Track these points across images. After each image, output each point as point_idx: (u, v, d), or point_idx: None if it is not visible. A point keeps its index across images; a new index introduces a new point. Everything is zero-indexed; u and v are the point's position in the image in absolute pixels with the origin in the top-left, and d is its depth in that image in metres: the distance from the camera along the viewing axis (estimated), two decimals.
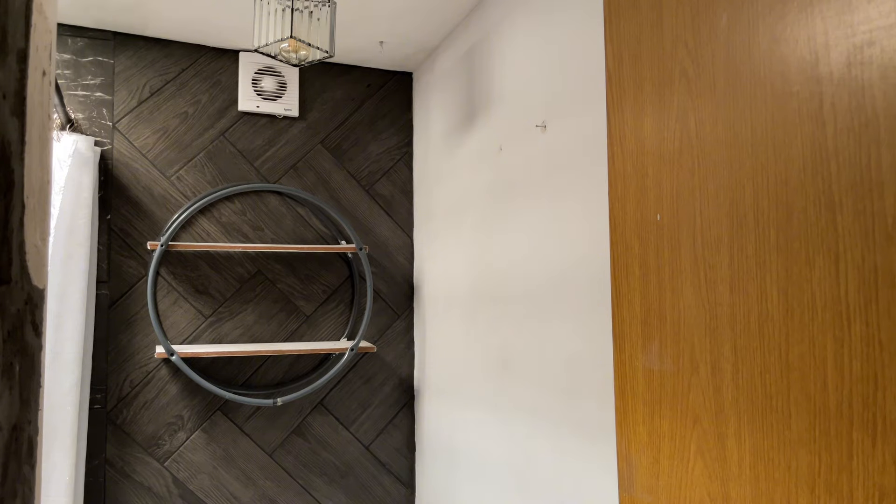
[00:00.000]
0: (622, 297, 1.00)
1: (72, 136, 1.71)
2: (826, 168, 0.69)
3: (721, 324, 0.81)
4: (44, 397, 0.39)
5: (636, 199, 0.97)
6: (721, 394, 0.81)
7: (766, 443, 0.75)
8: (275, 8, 1.36)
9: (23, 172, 0.35)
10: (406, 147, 2.24)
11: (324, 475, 2.08)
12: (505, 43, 1.60)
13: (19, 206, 0.35)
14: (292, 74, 2.07)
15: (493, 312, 1.63)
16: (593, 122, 1.21)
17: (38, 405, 0.37)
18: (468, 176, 1.79)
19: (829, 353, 0.68)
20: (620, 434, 1.00)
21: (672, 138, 0.90)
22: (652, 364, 0.93)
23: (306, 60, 1.44)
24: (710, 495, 0.82)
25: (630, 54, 0.99)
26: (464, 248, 1.82)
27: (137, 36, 1.94)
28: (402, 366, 2.20)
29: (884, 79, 0.63)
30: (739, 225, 0.79)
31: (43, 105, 0.38)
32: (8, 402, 0.34)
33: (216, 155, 2.00)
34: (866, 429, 0.64)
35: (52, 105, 0.41)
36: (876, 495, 0.63)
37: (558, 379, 1.32)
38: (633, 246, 0.98)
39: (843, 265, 0.67)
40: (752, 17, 0.78)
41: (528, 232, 1.46)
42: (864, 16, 0.64)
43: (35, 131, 0.37)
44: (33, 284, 0.37)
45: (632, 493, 0.97)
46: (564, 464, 1.30)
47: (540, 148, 1.41)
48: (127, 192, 1.90)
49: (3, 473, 0.33)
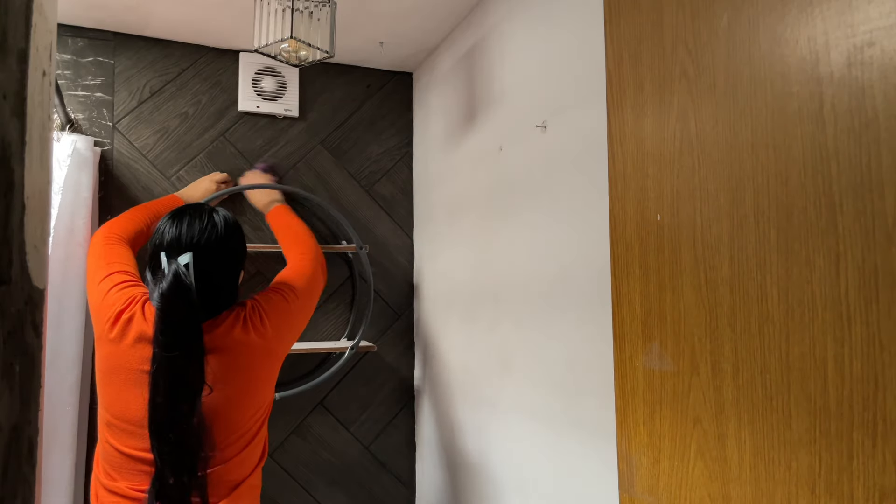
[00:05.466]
0: (622, 297, 1.00)
1: (72, 137, 1.71)
2: (826, 168, 0.69)
3: (721, 324, 0.81)
4: (44, 397, 0.39)
5: (636, 199, 0.97)
6: (721, 394, 0.81)
7: (767, 443, 0.75)
8: (275, 8, 1.36)
9: (23, 173, 0.35)
10: (406, 147, 2.24)
11: (324, 475, 2.08)
12: (505, 43, 1.60)
13: (19, 207, 0.35)
14: (292, 75, 2.07)
15: (493, 312, 1.63)
16: (593, 123, 1.21)
17: (38, 405, 0.37)
18: (468, 176, 1.79)
19: (829, 353, 0.68)
20: (620, 434, 1.00)
21: (672, 138, 0.90)
22: (652, 364, 0.93)
23: (306, 61, 1.44)
24: (711, 496, 0.82)
25: (630, 54, 0.99)
26: (464, 248, 1.82)
27: (137, 36, 1.93)
28: (402, 366, 2.20)
29: (884, 79, 0.63)
30: (740, 225, 0.79)
31: (43, 105, 0.38)
32: (8, 402, 0.34)
33: (216, 155, 2.00)
34: (867, 429, 0.64)
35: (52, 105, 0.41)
36: (876, 496, 0.63)
37: (558, 379, 1.33)
38: (633, 246, 0.98)
39: (843, 265, 0.67)
40: (752, 18, 0.78)
41: (528, 232, 1.46)
42: (864, 16, 0.64)
43: (35, 131, 0.37)
44: (33, 285, 0.37)
45: (632, 493, 0.97)
46: (564, 464, 1.30)
47: (540, 148, 1.41)
48: (127, 192, 1.90)
49: (3, 473, 0.33)
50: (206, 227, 1.21)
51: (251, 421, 1.24)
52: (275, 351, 1.28)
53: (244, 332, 1.21)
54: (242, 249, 1.30)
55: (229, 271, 1.26)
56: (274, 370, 1.30)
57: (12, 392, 0.34)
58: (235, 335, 1.20)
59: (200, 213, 1.23)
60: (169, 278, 1.13)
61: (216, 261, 1.21)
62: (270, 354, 1.26)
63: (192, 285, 1.14)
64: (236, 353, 1.20)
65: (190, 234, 1.19)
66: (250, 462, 1.25)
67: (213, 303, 1.21)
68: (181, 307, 1.13)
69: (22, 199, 0.35)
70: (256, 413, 1.25)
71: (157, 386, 1.10)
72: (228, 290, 1.26)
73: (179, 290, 1.13)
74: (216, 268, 1.22)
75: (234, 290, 1.28)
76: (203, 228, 1.21)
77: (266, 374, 1.27)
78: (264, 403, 1.28)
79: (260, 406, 1.26)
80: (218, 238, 1.22)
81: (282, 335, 1.28)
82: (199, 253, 1.18)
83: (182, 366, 1.11)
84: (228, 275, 1.26)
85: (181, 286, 1.13)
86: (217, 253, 1.21)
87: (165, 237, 1.20)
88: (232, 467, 1.21)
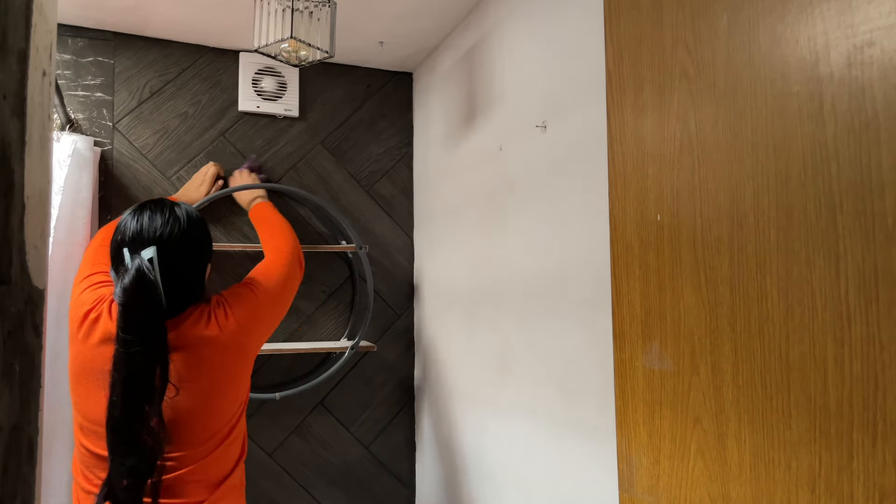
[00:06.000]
0: (622, 297, 1.00)
1: (72, 137, 1.71)
2: (826, 168, 0.69)
3: (721, 324, 0.81)
4: (44, 397, 0.39)
5: (636, 199, 0.97)
6: (721, 394, 0.81)
7: (767, 443, 0.75)
8: (275, 8, 1.36)
9: (23, 173, 0.35)
10: (406, 147, 2.24)
11: (324, 475, 2.08)
12: (505, 43, 1.60)
13: (19, 207, 0.35)
14: (292, 75, 2.07)
15: (493, 312, 1.63)
16: (593, 123, 1.21)
17: (38, 405, 0.37)
18: (468, 176, 1.79)
19: (829, 353, 0.68)
20: (620, 434, 1.00)
21: (672, 138, 0.90)
22: (652, 364, 0.93)
23: (306, 61, 1.44)
24: (711, 496, 0.82)
25: (630, 54, 0.99)
26: (464, 248, 1.82)
27: (137, 36, 1.93)
28: (403, 366, 2.20)
29: (884, 79, 0.63)
30: (739, 225, 0.79)
31: (43, 105, 0.38)
32: (8, 402, 0.34)
33: (216, 155, 2.00)
34: (867, 429, 0.64)
35: (52, 105, 0.41)
36: (876, 496, 0.63)
37: (558, 379, 1.33)
38: (633, 246, 0.98)
39: (843, 265, 0.67)
40: (752, 18, 0.78)
41: (528, 232, 1.46)
42: (864, 16, 0.64)
43: (35, 131, 0.37)
44: (33, 285, 0.37)
45: (632, 493, 0.97)
46: (564, 464, 1.30)
47: (540, 148, 1.41)
48: (127, 192, 1.90)
49: (3, 473, 0.33)
50: (168, 219, 1.18)
51: (224, 418, 1.21)
52: (243, 345, 1.24)
53: (207, 327, 1.18)
54: (208, 242, 1.26)
55: (195, 265, 1.23)
56: (245, 366, 1.26)
57: (12, 392, 0.34)
58: (199, 331, 1.18)
59: (162, 207, 1.20)
60: (132, 273, 1.10)
61: (181, 255, 1.18)
62: (238, 349, 1.23)
63: (156, 280, 1.11)
64: (201, 350, 1.17)
65: (152, 228, 1.16)
66: (229, 460, 1.22)
67: (179, 299, 1.18)
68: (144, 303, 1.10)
69: (22, 199, 0.35)
70: (230, 409, 1.22)
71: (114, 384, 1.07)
72: (193, 286, 1.22)
73: (143, 285, 1.10)
74: (181, 262, 1.19)
75: (201, 285, 1.25)
76: (165, 221, 1.17)
77: (236, 371, 1.24)
78: (238, 400, 1.25)
79: (233, 402, 1.23)
80: (181, 231, 1.19)
81: (248, 329, 1.24)
82: (162, 247, 1.15)
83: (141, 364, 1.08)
84: (194, 269, 1.23)
85: (144, 281, 1.10)
86: (181, 246, 1.18)
87: (127, 232, 1.16)
88: (208, 465, 1.18)
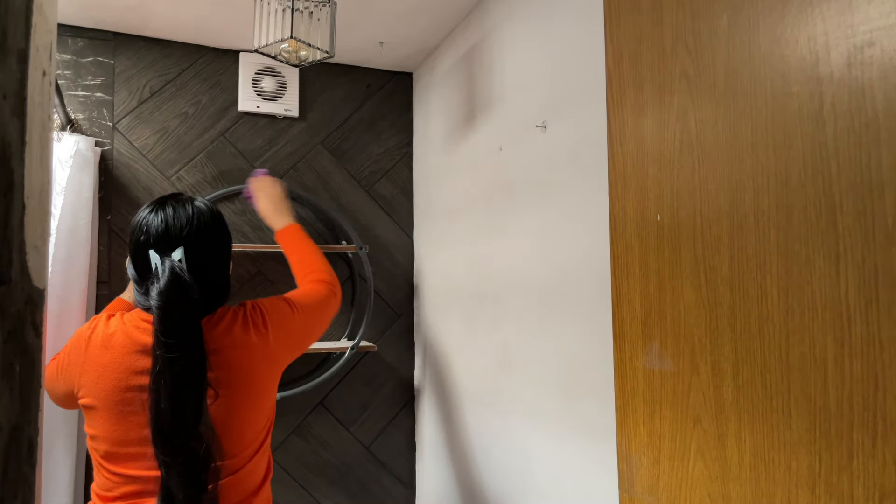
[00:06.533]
0: (622, 297, 1.00)
1: (74, 137, 1.71)
2: (826, 168, 0.69)
3: (721, 324, 0.81)
4: (44, 397, 0.39)
5: (636, 199, 0.97)
6: (721, 394, 0.81)
7: (767, 443, 0.75)
8: (275, 8, 1.36)
9: (23, 173, 0.35)
10: (406, 147, 2.24)
11: (324, 475, 2.08)
12: (505, 43, 1.60)
13: (19, 207, 0.35)
14: (292, 75, 2.07)
15: (493, 312, 1.63)
16: (593, 123, 1.21)
17: (38, 405, 0.37)
18: (468, 176, 1.79)
19: (829, 353, 0.68)
20: (620, 434, 1.00)
21: (672, 138, 0.90)
22: (652, 364, 0.93)
23: (306, 61, 1.44)
24: (711, 496, 0.82)
25: (630, 54, 0.99)
26: (464, 248, 1.82)
27: (137, 36, 1.93)
28: (403, 366, 2.20)
29: (884, 79, 0.63)
30: (739, 225, 0.79)
31: (43, 105, 0.38)
32: (8, 402, 0.34)
33: (216, 155, 2.00)
34: (867, 429, 0.64)
35: (53, 105, 0.41)
36: (876, 496, 0.63)
37: (558, 379, 1.32)
38: (633, 246, 0.98)
39: (843, 265, 0.67)
40: (752, 18, 0.78)
41: (528, 232, 1.46)
42: (864, 16, 0.64)
43: (35, 132, 0.37)
44: (33, 285, 0.37)
45: (632, 493, 0.97)
46: (564, 464, 1.30)
47: (540, 148, 1.41)
48: (127, 192, 1.90)
49: (3, 473, 0.33)
50: (192, 215, 1.14)
51: (255, 429, 1.18)
52: (276, 356, 1.20)
53: (244, 331, 1.15)
54: (229, 237, 1.23)
55: (221, 261, 1.20)
56: (275, 377, 1.23)
57: (12, 392, 0.34)
58: (235, 335, 1.14)
59: (182, 202, 1.16)
60: (167, 275, 1.06)
61: (208, 251, 1.15)
62: (272, 359, 1.19)
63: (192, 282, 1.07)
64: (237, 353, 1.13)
65: (178, 224, 1.11)
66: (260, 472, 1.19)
67: (210, 297, 1.15)
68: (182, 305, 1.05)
69: (22, 199, 0.35)
70: (260, 421, 1.19)
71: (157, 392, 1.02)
72: (222, 282, 1.20)
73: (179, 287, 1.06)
74: (209, 258, 1.15)
75: (227, 281, 1.22)
76: (189, 217, 1.13)
77: (269, 383, 1.20)
78: (268, 411, 1.21)
79: (264, 412, 1.20)
80: (206, 225, 1.15)
81: (283, 342, 1.21)
82: (189, 245, 1.11)
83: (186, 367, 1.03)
84: (220, 265, 1.20)
85: (180, 283, 1.06)
86: (208, 242, 1.15)
87: (151, 230, 1.11)
88: (243, 477, 1.14)
